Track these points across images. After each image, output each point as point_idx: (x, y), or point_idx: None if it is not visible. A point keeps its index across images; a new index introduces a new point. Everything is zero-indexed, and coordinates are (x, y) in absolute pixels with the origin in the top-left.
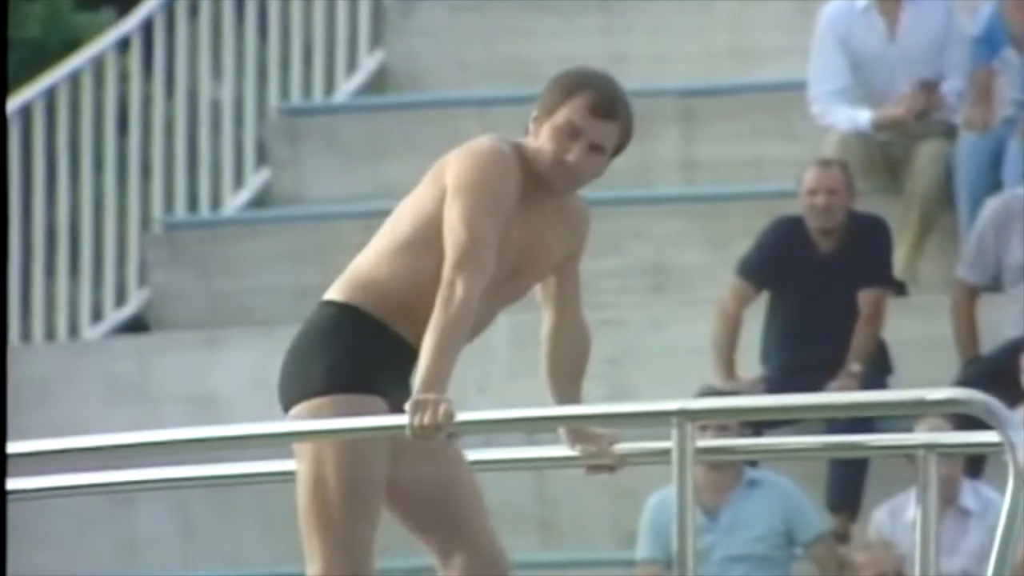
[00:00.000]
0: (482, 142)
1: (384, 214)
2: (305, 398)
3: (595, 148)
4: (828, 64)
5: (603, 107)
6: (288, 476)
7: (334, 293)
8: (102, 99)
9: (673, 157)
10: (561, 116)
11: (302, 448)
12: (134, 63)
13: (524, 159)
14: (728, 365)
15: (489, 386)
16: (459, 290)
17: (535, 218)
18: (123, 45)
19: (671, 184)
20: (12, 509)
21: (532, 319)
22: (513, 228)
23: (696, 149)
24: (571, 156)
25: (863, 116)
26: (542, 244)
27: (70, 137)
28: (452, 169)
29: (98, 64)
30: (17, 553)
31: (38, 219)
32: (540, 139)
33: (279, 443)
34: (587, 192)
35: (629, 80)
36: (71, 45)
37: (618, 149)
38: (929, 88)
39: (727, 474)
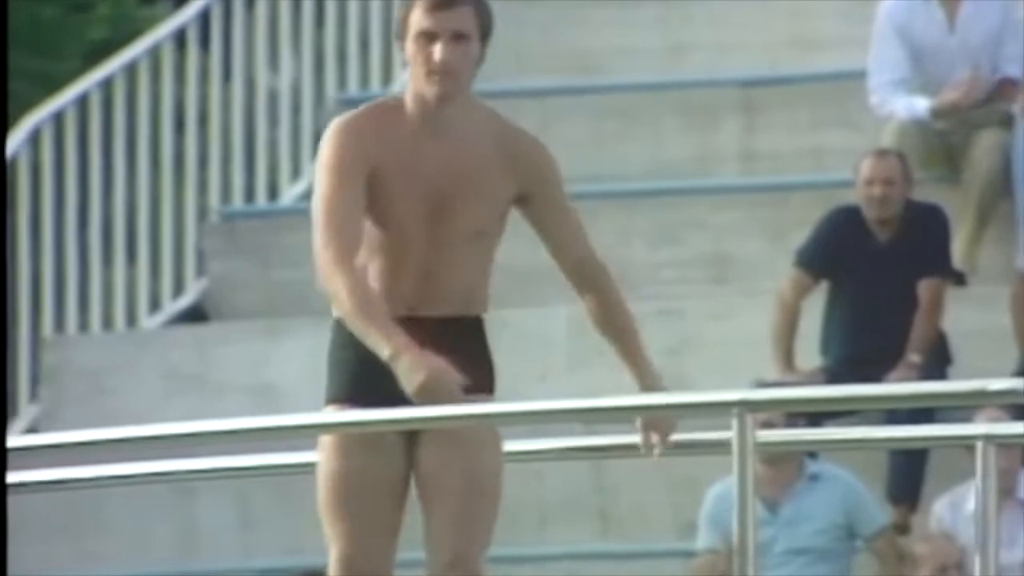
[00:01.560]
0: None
1: None
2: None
3: (456, 38)
4: (887, 55)
5: None
6: None
7: None
8: (159, 90)
9: (733, 147)
10: (411, 30)
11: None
12: (191, 53)
13: (390, 106)
14: (786, 356)
15: (550, 375)
16: (321, 270)
17: (447, 141)
18: (180, 36)
19: (731, 174)
20: (74, 497)
21: None
22: (414, 163)
23: (756, 139)
24: (436, 56)
25: (921, 104)
26: (465, 166)
27: (127, 128)
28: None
29: (155, 55)
30: (79, 540)
31: (95, 210)
32: (411, 64)
33: (337, 432)
34: (648, 183)
35: (689, 71)
36: (134, 39)
37: (485, 30)
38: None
39: (787, 468)
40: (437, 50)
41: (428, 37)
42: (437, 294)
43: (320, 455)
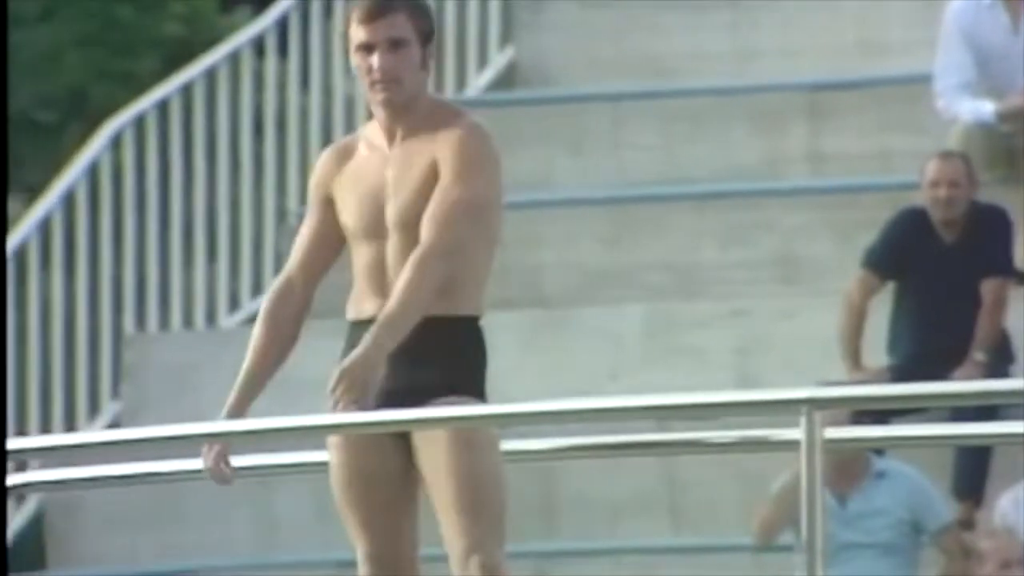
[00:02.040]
0: None
1: (512, 206)
2: None
3: (393, 45)
4: (953, 58)
5: (368, 8)
6: None
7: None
8: (238, 95)
9: (801, 150)
10: (351, 45)
11: None
12: (270, 60)
13: (363, 134)
14: (854, 355)
15: (621, 374)
16: None
17: (401, 148)
18: (258, 43)
19: (800, 177)
20: (156, 490)
21: (664, 308)
22: (361, 175)
23: (824, 142)
24: (374, 66)
25: (987, 108)
26: (403, 166)
27: (207, 132)
28: None
29: (234, 61)
30: (160, 532)
31: (176, 211)
32: (358, 77)
33: (411, 428)
34: (718, 185)
35: (757, 75)
36: (213, 46)
37: (425, 32)
38: None
39: (855, 464)
40: (375, 59)
41: (366, 49)
42: (378, 293)
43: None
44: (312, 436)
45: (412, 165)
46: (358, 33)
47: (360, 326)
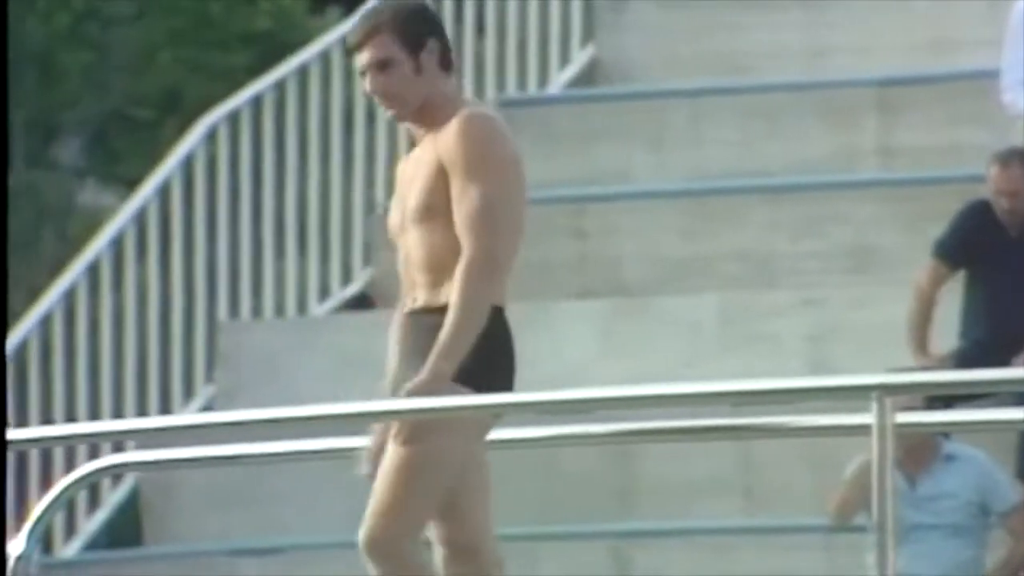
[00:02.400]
0: None
1: (592, 199)
2: None
3: (380, 67)
4: (1018, 55)
5: (352, 38)
6: (543, 442)
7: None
8: (329, 91)
9: (872, 144)
10: None
11: None
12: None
13: None
14: (920, 341)
15: (697, 361)
16: None
17: (416, 158)
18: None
19: (871, 170)
20: (248, 470)
21: (740, 297)
22: (400, 180)
23: (894, 136)
24: (368, 90)
25: None
26: (417, 165)
27: (299, 127)
28: None
29: (325, 58)
30: (252, 510)
31: (268, 203)
32: None
33: (519, 411)
34: (792, 178)
35: (830, 71)
36: (302, 40)
37: (413, 41)
38: None
39: (925, 447)
40: (367, 83)
41: (362, 74)
42: (413, 287)
43: None
44: (392, 419)
45: (422, 163)
46: (357, 62)
47: (406, 317)
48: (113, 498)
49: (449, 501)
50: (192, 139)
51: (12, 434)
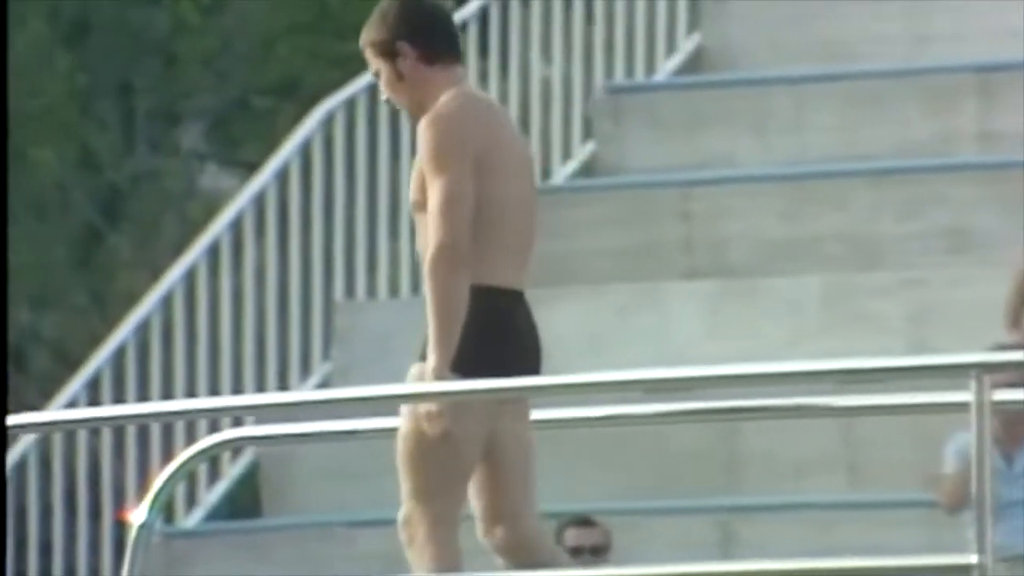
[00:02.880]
0: None
1: (699, 183)
2: None
3: (377, 77)
4: None
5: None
6: (618, 420)
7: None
8: None
9: (971, 128)
10: None
11: None
12: (471, 46)
13: None
14: (1015, 318)
15: (801, 340)
16: None
17: None
18: (461, 28)
19: (969, 153)
20: (363, 444)
21: (841, 278)
22: None
23: (993, 120)
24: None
25: None
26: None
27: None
28: None
29: None
30: (367, 482)
31: (382, 186)
32: None
33: (606, 390)
34: (894, 162)
35: (930, 57)
36: None
37: (386, 45)
38: None
39: (1022, 425)
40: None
41: None
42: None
43: None
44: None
45: (418, 159)
46: None
47: None
48: (233, 470)
49: (486, 476)
50: (309, 124)
51: (136, 408)
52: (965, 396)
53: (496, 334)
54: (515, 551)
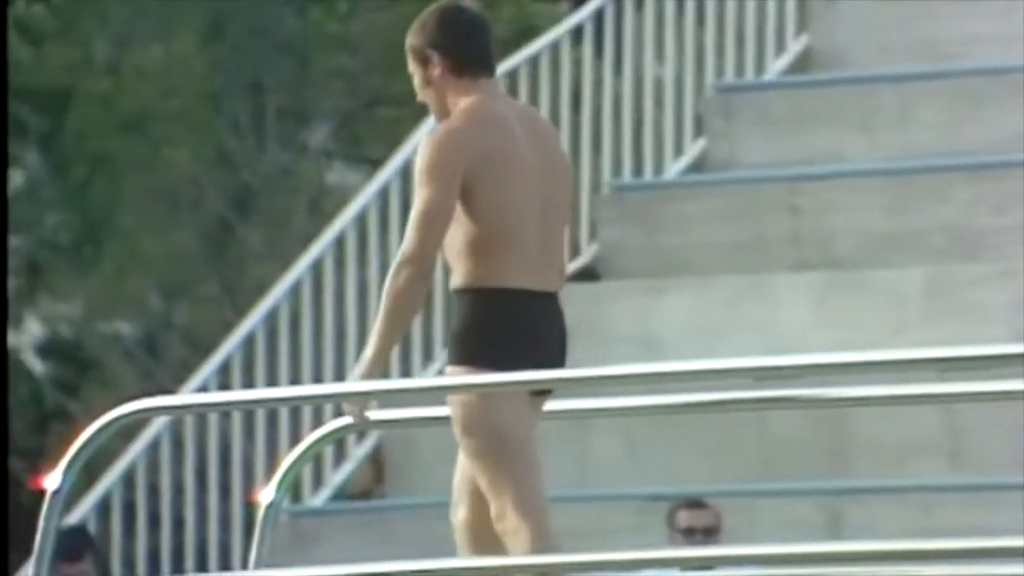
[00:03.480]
0: None
1: (807, 178)
2: None
3: (413, 80)
4: None
5: None
6: (729, 406)
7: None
8: (558, 78)
9: None
10: None
11: None
12: (587, 48)
13: None
14: None
15: (905, 329)
16: None
17: None
18: (577, 33)
19: None
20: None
21: (944, 269)
22: None
23: None
24: None
25: None
26: None
27: None
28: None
29: (554, 48)
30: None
31: None
32: None
33: (716, 377)
34: (991, 156)
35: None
36: (529, 33)
37: (421, 51)
38: None
39: None
40: None
41: None
42: None
43: None
44: (623, 383)
45: None
46: None
47: None
48: (358, 452)
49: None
50: (432, 121)
51: (265, 393)
52: None
53: (501, 331)
54: (464, 532)
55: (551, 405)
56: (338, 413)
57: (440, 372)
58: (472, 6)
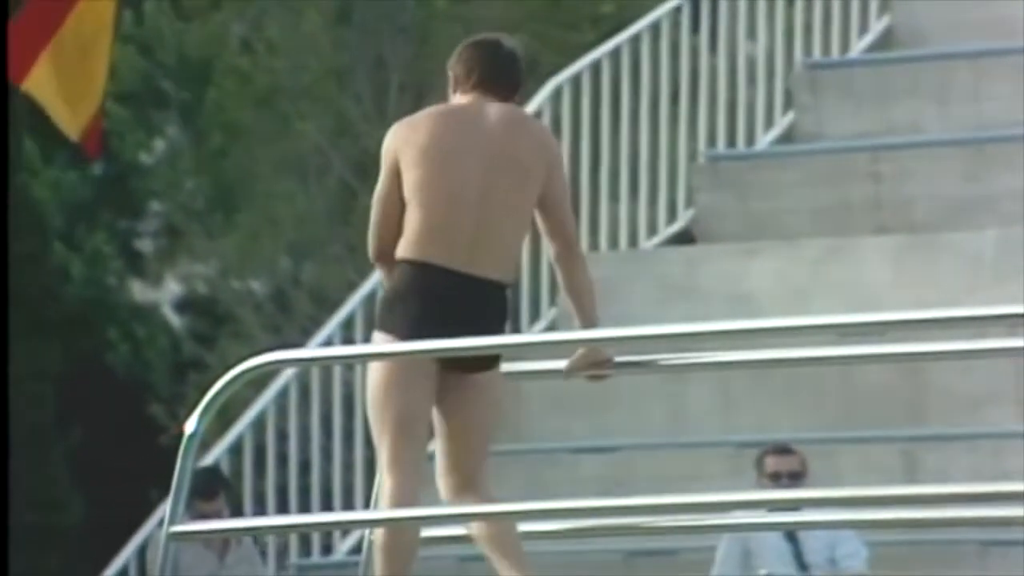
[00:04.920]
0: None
1: (888, 148)
2: None
3: None
4: None
5: None
6: (816, 361)
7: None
8: (657, 57)
9: None
10: None
11: None
12: (684, 27)
13: None
14: None
15: (978, 288)
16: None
17: None
18: (676, 12)
19: None
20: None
21: (1015, 232)
22: None
23: None
24: None
25: None
26: None
27: (631, 88)
28: (558, 167)
29: (654, 29)
30: (591, 415)
31: (604, 154)
32: None
33: (804, 334)
34: None
35: None
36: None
37: (452, 73)
38: None
39: None
40: None
41: None
42: None
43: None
44: (718, 339)
45: None
46: None
47: None
48: None
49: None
50: (539, 98)
51: (384, 347)
52: None
53: (400, 299)
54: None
55: (653, 360)
56: None
57: (550, 327)
58: (497, 39)
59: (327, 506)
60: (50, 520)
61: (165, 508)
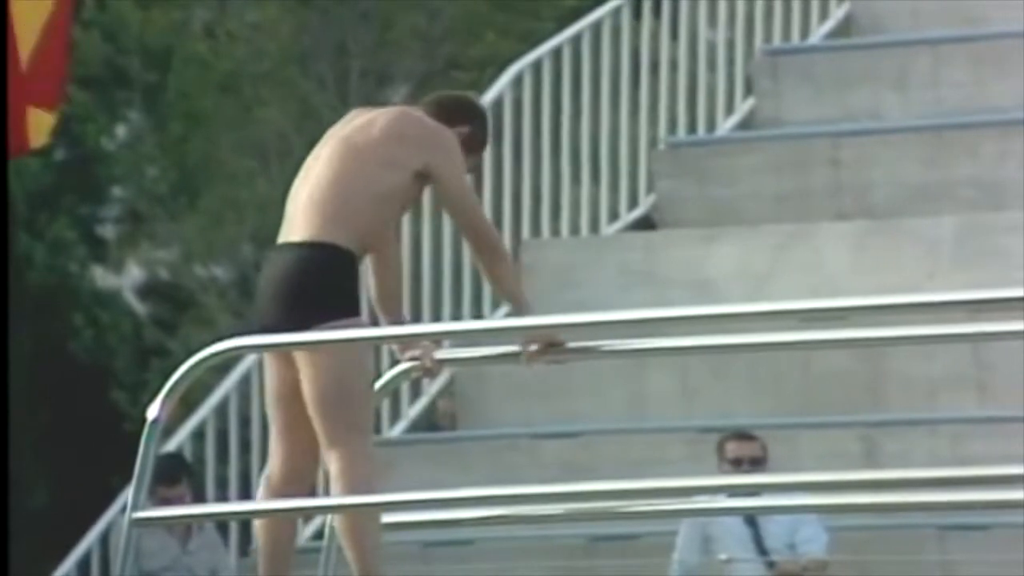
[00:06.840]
0: (449, 133)
1: (846, 134)
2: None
3: None
4: None
5: None
6: (776, 346)
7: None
8: (618, 43)
9: None
10: None
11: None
12: (645, 12)
13: None
14: None
15: (937, 274)
16: (500, 240)
17: None
18: (636, 3)
19: None
20: (549, 367)
21: (974, 218)
22: None
23: None
24: None
25: None
26: None
27: (592, 74)
28: (438, 150)
29: (615, 15)
30: (551, 401)
31: (565, 139)
32: None
33: (764, 319)
34: (1019, 113)
35: None
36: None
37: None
38: None
39: None
40: None
41: None
42: None
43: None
44: (677, 325)
45: None
46: None
47: None
48: (432, 388)
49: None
50: (500, 84)
51: (344, 333)
52: None
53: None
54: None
55: (613, 345)
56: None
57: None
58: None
59: None
60: (13, 505)
61: (128, 494)
